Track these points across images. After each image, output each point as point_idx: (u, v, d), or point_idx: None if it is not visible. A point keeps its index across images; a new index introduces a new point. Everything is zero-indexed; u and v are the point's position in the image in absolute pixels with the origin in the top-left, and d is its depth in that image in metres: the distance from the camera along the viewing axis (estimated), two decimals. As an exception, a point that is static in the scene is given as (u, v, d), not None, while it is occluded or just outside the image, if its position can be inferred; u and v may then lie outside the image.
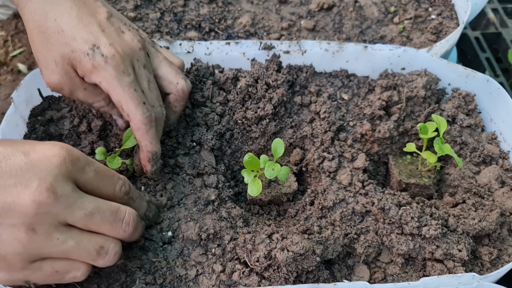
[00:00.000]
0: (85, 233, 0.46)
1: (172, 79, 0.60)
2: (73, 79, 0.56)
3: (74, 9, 0.55)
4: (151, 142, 0.57)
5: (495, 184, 0.65)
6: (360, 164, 0.65)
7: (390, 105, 0.71)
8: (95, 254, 0.46)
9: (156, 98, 0.58)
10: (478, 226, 0.58)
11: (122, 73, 0.54)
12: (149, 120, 0.56)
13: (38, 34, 0.55)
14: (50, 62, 0.55)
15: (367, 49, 0.74)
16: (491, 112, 0.72)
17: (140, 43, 0.58)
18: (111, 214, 0.47)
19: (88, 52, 0.54)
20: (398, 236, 0.57)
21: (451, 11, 0.87)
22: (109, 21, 0.57)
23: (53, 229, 0.43)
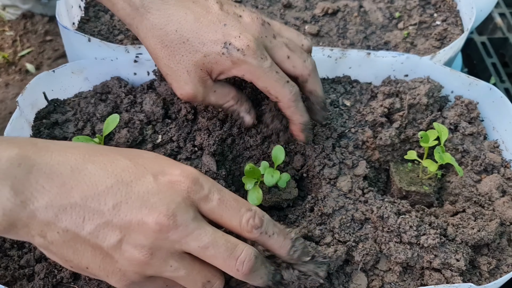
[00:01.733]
0: (197, 263, 0.46)
1: (297, 41, 0.62)
2: (206, 84, 0.58)
3: (189, 14, 0.56)
4: (302, 114, 0.60)
5: (496, 193, 0.65)
6: (361, 171, 0.66)
7: (392, 112, 0.72)
8: (201, 286, 0.46)
9: (302, 53, 0.60)
10: (477, 236, 0.58)
11: (260, 59, 0.55)
12: (296, 96, 0.58)
13: (163, 49, 0.56)
14: (182, 73, 0.56)
15: (370, 56, 0.74)
16: (493, 120, 0.72)
17: (260, 19, 0.58)
18: (226, 250, 0.45)
19: (222, 51, 0.55)
20: (396, 245, 0.57)
21: (456, 18, 0.87)
22: (223, 11, 0.57)
23: (169, 255, 0.44)
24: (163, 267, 0.44)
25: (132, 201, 0.43)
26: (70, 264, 0.45)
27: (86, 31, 0.80)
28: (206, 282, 0.46)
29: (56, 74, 0.70)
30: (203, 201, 0.46)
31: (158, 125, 0.69)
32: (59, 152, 0.44)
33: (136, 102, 0.71)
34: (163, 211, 0.43)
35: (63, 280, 0.54)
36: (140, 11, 0.56)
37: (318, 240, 0.58)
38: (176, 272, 0.45)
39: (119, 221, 0.43)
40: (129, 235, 0.43)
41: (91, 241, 0.43)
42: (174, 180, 0.45)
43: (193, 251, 0.45)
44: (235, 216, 0.46)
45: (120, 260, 0.43)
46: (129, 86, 0.72)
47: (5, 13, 1.26)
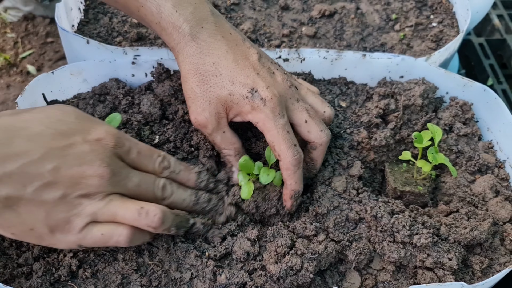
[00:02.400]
0: (132, 200, 0.54)
1: (319, 108, 0.65)
2: (220, 120, 0.61)
3: (230, 53, 0.60)
4: (296, 182, 0.60)
5: (489, 193, 0.65)
6: (356, 171, 0.66)
7: (387, 113, 0.72)
8: (137, 214, 0.52)
9: (320, 122, 0.62)
10: (469, 235, 0.58)
11: (277, 115, 0.58)
12: (297, 162, 0.59)
13: (195, 75, 0.60)
14: (204, 101, 0.60)
15: (366, 57, 0.75)
16: (488, 121, 0.73)
17: (289, 81, 0.62)
18: (152, 183, 0.56)
19: (247, 95, 0.58)
20: (389, 244, 0.58)
21: (452, 19, 0.87)
22: (260, 63, 0.61)
23: (107, 196, 0.52)
24: (100, 204, 0.51)
25: (70, 161, 0.50)
26: (13, 229, 0.50)
27: (85, 33, 0.81)
28: (140, 209, 0.52)
29: (55, 75, 0.71)
30: (125, 153, 0.55)
31: (156, 125, 0.70)
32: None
33: (134, 103, 0.72)
34: (100, 164, 0.51)
35: (60, 278, 0.55)
36: (186, 38, 0.60)
37: (312, 238, 0.59)
38: (111, 205, 0.52)
39: (61, 178, 0.49)
40: (73, 187, 0.50)
41: (35, 199, 0.48)
42: (100, 138, 0.53)
43: (129, 190, 0.54)
44: (150, 162, 0.58)
45: (65, 208, 0.50)
46: (127, 87, 0.73)
47: (7, 15, 1.27)
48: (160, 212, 0.53)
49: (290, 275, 0.54)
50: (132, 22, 0.83)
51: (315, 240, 0.58)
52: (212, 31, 0.60)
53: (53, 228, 0.50)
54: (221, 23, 0.62)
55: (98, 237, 0.52)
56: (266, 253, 0.57)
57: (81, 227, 0.51)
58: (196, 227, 0.58)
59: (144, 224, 0.53)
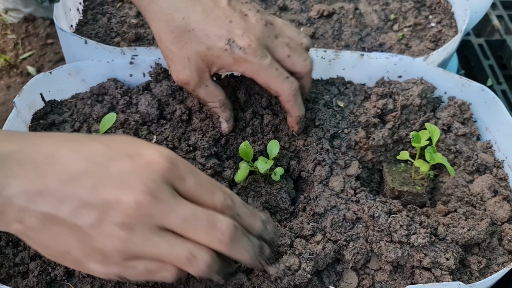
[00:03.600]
0: (179, 238, 0.46)
1: (297, 39, 0.65)
2: (202, 74, 0.61)
3: (198, 4, 0.59)
4: (299, 108, 0.64)
5: (487, 193, 0.65)
6: (353, 171, 0.66)
7: (385, 113, 0.72)
8: (185, 260, 0.45)
9: (302, 53, 0.63)
10: (467, 235, 0.58)
11: (260, 58, 0.59)
12: (295, 91, 0.62)
13: (168, 33, 0.59)
14: (182, 59, 0.59)
15: (363, 57, 0.75)
16: (486, 121, 0.73)
17: (263, 20, 0.61)
18: (206, 221, 0.46)
19: (225, 47, 0.58)
20: (387, 244, 0.58)
21: (451, 19, 0.87)
22: (231, 7, 0.60)
23: (150, 231, 0.44)
24: (144, 242, 0.44)
25: (109, 181, 0.44)
26: (49, 250, 0.45)
27: (84, 33, 0.81)
28: (189, 255, 0.45)
29: (53, 75, 0.71)
30: (179, 180, 0.46)
31: (153, 125, 0.70)
32: (32, 141, 0.45)
33: (132, 103, 0.72)
34: (142, 189, 0.43)
35: (57, 277, 0.55)
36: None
37: (309, 238, 0.58)
38: (158, 247, 0.44)
39: (97, 200, 0.43)
40: (108, 213, 0.43)
41: (69, 221, 0.43)
42: (151, 160, 0.45)
43: (174, 225, 0.45)
44: (209, 197, 0.47)
45: (100, 238, 0.43)
46: (125, 87, 0.73)
47: (7, 17, 1.28)
48: (210, 259, 0.46)
49: (288, 275, 0.53)
50: (131, 23, 0.83)
51: (313, 240, 0.58)
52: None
53: (90, 256, 0.45)
54: None
55: (143, 272, 0.46)
56: None
57: (121, 262, 0.45)
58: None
59: (192, 271, 0.46)
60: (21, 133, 0.47)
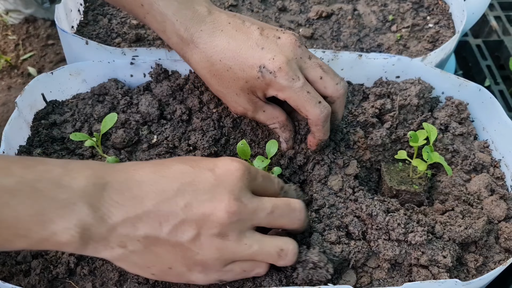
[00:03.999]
0: (267, 237, 0.51)
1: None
2: (255, 104, 0.63)
3: (232, 43, 0.60)
4: (325, 133, 0.64)
5: (484, 192, 0.66)
6: (352, 170, 0.67)
7: (383, 112, 0.73)
8: (276, 256, 0.51)
9: (335, 76, 0.63)
10: (464, 233, 0.59)
11: (292, 81, 0.59)
12: (325, 117, 0.61)
13: (212, 78, 0.62)
14: (232, 96, 0.63)
15: (362, 57, 0.75)
16: (483, 120, 0.73)
17: (298, 41, 0.62)
18: (286, 207, 0.52)
19: (258, 75, 0.59)
20: (384, 242, 0.58)
21: (449, 20, 0.88)
22: (263, 36, 0.61)
23: (242, 235, 0.49)
24: (238, 247, 0.49)
25: (200, 197, 0.47)
26: (152, 270, 0.49)
27: (85, 34, 0.82)
28: (280, 251, 0.51)
29: (54, 76, 0.72)
30: (254, 180, 0.52)
31: (154, 125, 0.70)
32: (124, 171, 0.48)
33: (133, 103, 0.72)
34: (230, 198, 0.47)
35: (58, 275, 0.56)
36: (190, 46, 0.62)
37: (324, 236, 0.59)
38: (251, 249, 0.49)
39: (193, 216, 0.47)
40: (205, 226, 0.47)
41: (171, 240, 0.47)
42: (230, 169, 0.49)
43: (263, 220, 0.50)
44: (272, 184, 0.55)
45: (200, 251, 0.47)
46: (126, 87, 0.74)
47: (8, 18, 1.28)
48: (296, 248, 0.52)
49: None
50: (131, 24, 0.84)
51: (328, 240, 0.59)
52: (210, 30, 0.61)
53: (191, 268, 0.49)
54: (218, 19, 0.62)
55: (239, 273, 0.51)
56: None
57: (220, 268, 0.50)
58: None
59: (282, 264, 0.52)
60: (110, 164, 0.50)
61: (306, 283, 0.54)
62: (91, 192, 0.45)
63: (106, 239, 0.45)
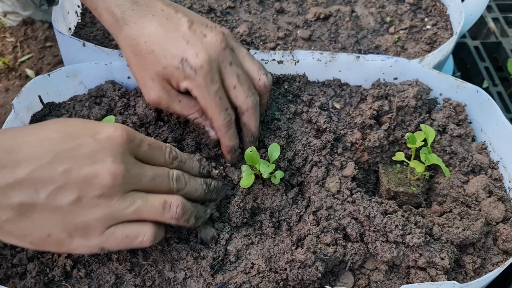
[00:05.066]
0: (151, 194, 0.53)
1: (254, 75, 0.66)
2: (169, 92, 0.63)
3: (160, 28, 0.62)
4: (230, 139, 0.65)
5: (482, 193, 0.65)
6: (349, 172, 0.67)
7: (381, 114, 0.73)
8: (161, 209, 0.52)
9: (248, 89, 0.64)
10: (462, 235, 0.59)
11: (209, 83, 0.60)
12: (228, 123, 0.63)
13: (134, 57, 0.63)
14: (147, 80, 0.63)
15: (359, 59, 0.75)
16: (481, 122, 0.73)
17: (223, 43, 0.63)
18: (167, 176, 0.55)
19: (178, 66, 0.60)
20: (382, 244, 0.58)
21: (446, 22, 0.88)
22: (191, 30, 0.62)
23: (125, 194, 0.50)
24: (122, 205, 0.50)
25: (80, 161, 0.48)
26: (30, 238, 0.48)
27: (82, 36, 0.82)
28: (163, 202, 0.53)
29: (51, 78, 0.72)
30: (137, 147, 0.53)
31: (151, 127, 0.70)
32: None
33: (130, 105, 0.72)
34: (112, 161, 0.49)
35: (54, 278, 0.56)
36: (120, 23, 0.63)
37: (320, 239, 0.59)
38: (135, 204, 0.50)
39: (73, 180, 0.47)
40: (87, 188, 0.48)
41: (50, 205, 0.47)
42: (111, 135, 0.51)
43: (145, 185, 0.52)
44: (161, 154, 0.57)
45: (82, 211, 0.48)
46: (123, 89, 0.74)
47: (6, 20, 1.28)
48: (181, 203, 0.54)
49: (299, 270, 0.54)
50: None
51: (323, 243, 0.59)
52: (142, 11, 0.63)
53: (72, 232, 0.49)
54: (152, 4, 0.64)
55: (122, 239, 0.51)
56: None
57: (102, 230, 0.50)
58: (213, 216, 0.60)
59: (169, 217, 0.53)
60: None
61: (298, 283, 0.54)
62: None
63: None
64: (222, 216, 0.63)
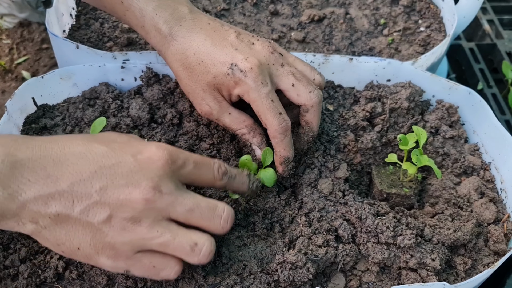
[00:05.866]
0: (183, 228, 0.50)
1: (309, 74, 0.64)
2: (220, 103, 0.62)
3: (208, 40, 0.62)
4: (285, 149, 0.62)
5: (474, 195, 0.66)
6: (342, 174, 0.67)
7: (374, 116, 0.73)
8: (189, 250, 0.49)
9: (308, 83, 0.62)
10: (453, 236, 0.59)
11: (260, 84, 0.59)
12: (284, 130, 0.60)
13: (184, 71, 0.63)
14: (198, 92, 0.62)
15: (352, 61, 0.75)
16: (473, 124, 0.73)
17: (271, 47, 0.63)
18: (209, 211, 0.51)
19: (228, 72, 0.60)
20: (374, 245, 0.58)
21: (440, 24, 0.88)
22: (239, 39, 0.62)
23: (155, 222, 0.48)
24: (149, 234, 0.48)
25: (117, 181, 0.47)
26: (62, 247, 0.49)
27: (77, 38, 0.82)
28: (193, 245, 0.49)
29: (45, 80, 0.72)
30: (181, 168, 0.51)
31: (144, 129, 0.70)
32: (39, 147, 0.48)
33: (123, 107, 0.72)
34: (148, 184, 0.48)
35: (46, 280, 0.56)
36: (168, 39, 0.63)
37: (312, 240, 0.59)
38: (162, 237, 0.48)
39: (107, 199, 0.47)
40: (118, 210, 0.47)
41: (82, 219, 0.47)
42: (152, 156, 0.49)
43: (180, 215, 0.49)
44: (209, 171, 0.54)
45: (110, 232, 0.47)
46: (117, 91, 0.74)
47: (3, 22, 1.29)
48: (212, 246, 0.50)
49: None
50: (123, 28, 0.84)
51: (314, 244, 0.59)
52: (190, 26, 0.63)
53: (99, 251, 0.48)
54: (199, 18, 0.64)
55: (148, 268, 0.50)
56: None
57: (129, 254, 0.49)
58: None
59: (195, 260, 0.50)
60: (23, 138, 0.49)
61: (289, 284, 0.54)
62: (0, 170, 0.45)
63: (18, 216, 0.46)
64: None
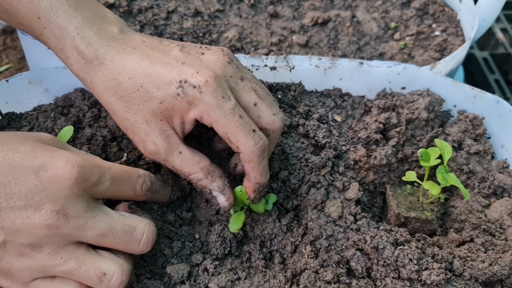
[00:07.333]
0: (92, 254, 0.45)
1: (266, 92, 0.54)
2: (169, 138, 0.50)
3: (145, 59, 0.49)
4: (261, 174, 0.51)
5: (507, 219, 0.57)
6: (353, 194, 0.58)
7: (388, 128, 0.65)
8: (97, 280, 0.44)
9: (272, 104, 0.52)
10: (488, 271, 0.50)
11: (221, 99, 0.47)
12: (262, 151, 0.49)
13: (118, 101, 0.49)
14: (140, 126, 0.49)
15: (363, 65, 0.67)
16: (501, 137, 0.65)
17: (226, 57, 0.51)
18: (126, 235, 0.46)
19: (177, 92, 0.47)
20: (394, 281, 0.50)
21: (457, 28, 0.81)
22: (184, 52, 0.50)
23: (59, 248, 0.43)
24: (52, 261, 0.43)
25: (13, 202, 0.42)
26: None
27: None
28: (101, 275, 0.44)
29: (10, 84, 0.63)
30: (95, 186, 0.45)
31: (124, 141, 0.62)
32: None
33: (101, 116, 0.64)
34: (50, 208, 0.42)
35: None
36: (94, 64, 0.50)
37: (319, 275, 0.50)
38: (66, 265, 0.43)
39: (2, 222, 0.41)
40: (14, 235, 0.42)
41: None
42: (58, 174, 0.43)
43: (91, 240, 0.45)
44: (130, 187, 0.49)
45: (5, 257, 0.43)
46: (94, 98, 0.65)
47: (-18, 28, 1.21)
48: (125, 276, 0.45)
49: None
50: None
51: (322, 279, 0.50)
52: (120, 46, 0.50)
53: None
54: (131, 37, 0.52)
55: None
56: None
57: (26, 281, 0.44)
58: None
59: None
60: None
61: None
62: None
63: None
64: (202, 245, 0.53)
